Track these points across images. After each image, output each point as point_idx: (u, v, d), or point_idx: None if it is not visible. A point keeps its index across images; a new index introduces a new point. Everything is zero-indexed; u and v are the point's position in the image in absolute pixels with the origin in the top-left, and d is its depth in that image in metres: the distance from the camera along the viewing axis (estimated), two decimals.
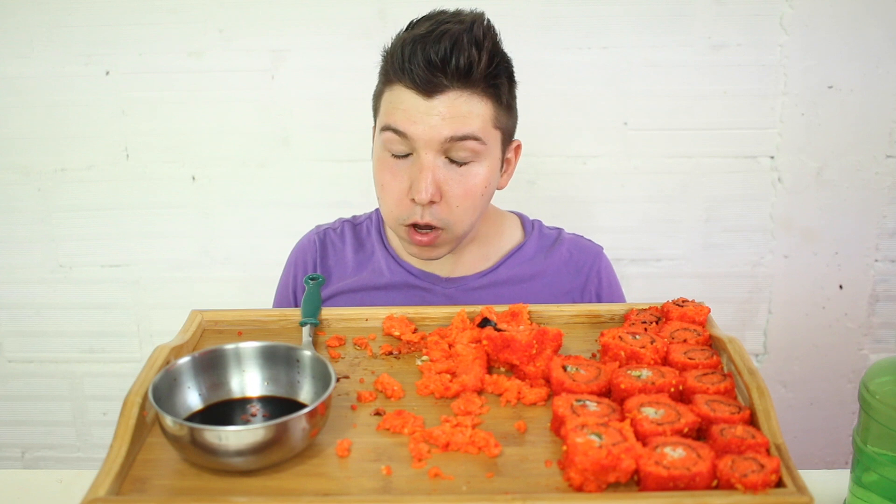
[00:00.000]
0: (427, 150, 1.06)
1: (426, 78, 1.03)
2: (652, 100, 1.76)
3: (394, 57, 1.07)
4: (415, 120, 1.05)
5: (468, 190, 1.09)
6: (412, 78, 1.04)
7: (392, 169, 1.10)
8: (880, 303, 1.89)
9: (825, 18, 1.70)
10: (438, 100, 1.05)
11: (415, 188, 1.06)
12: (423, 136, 1.05)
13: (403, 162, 1.09)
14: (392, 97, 1.08)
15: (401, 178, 1.09)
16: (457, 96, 1.05)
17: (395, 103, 1.07)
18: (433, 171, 1.06)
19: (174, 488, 0.72)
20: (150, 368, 0.82)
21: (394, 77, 1.07)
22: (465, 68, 1.03)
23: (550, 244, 1.27)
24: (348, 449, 0.76)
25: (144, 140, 1.81)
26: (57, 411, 2.03)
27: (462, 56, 1.03)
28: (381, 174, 1.12)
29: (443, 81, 1.04)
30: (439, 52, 1.02)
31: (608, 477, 0.69)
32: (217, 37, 1.74)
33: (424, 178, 1.06)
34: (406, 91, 1.06)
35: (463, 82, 1.05)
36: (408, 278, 1.23)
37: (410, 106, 1.06)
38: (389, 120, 1.08)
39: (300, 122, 1.79)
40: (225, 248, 1.88)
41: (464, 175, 1.09)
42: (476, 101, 1.06)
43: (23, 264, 1.90)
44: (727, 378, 0.82)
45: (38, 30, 1.74)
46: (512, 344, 0.88)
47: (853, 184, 1.81)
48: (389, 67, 1.08)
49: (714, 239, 1.86)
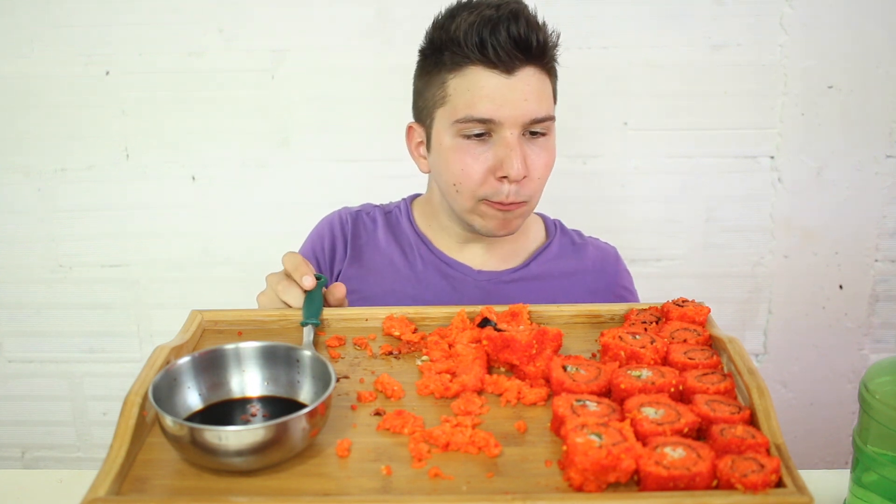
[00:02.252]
0: (512, 129, 1.09)
1: (510, 55, 1.06)
2: (652, 100, 1.76)
3: (468, 38, 1.07)
4: (500, 103, 1.07)
5: (547, 163, 1.13)
6: (496, 55, 1.06)
7: (471, 152, 1.11)
8: (880, 303, 1.89)
9: (825, 18, 1.70)
10: (518, 77, 1.07)
11: (507, 166, 1.08)
12: (510, 116, 1.08)
13: (482, 144, 1.11)
14: (466, 82, 1.09)
15: (483, 160, 1.11)
16: (532, 73, 1.09)
17: (472, 89, 1.08)
18: (521, 147, 1.09)
19: (174, 488, 0.72)
20: (150, 368, 0.82)
21: (467, 60, 1.08)
22: (542, 44, 1.08)
23: (574, 244, 1.31)
24: (348, 449, 0.76)
25: (144, 140, 1.81)
26: (57, 411, 2.03)
27: (539, 33, 1.08)
28: (460, 160, 1.12)
29: (522, 58, 1.07)
30: (521, 30, 1.06)
31: (608, 477, 0.69)
32: (217, 37, 1.74)
33: (517, 157, 1.08)
34: (483, 72, 1.08)
35: (538, 59, 1.09)
36: (442, 267, 1.25)
37: (492, 88, 1.07)
38: (469, 110, 1.09)
39: (300, 122, 1.79)
40: (225, 248, 1.88)
41: (542, 149, 1.13)
42: (545, 78, 1.11)
43: (23, 264, 1.90)
44: (727, 378, 0.82)
45: (38, 30, 1.74)
46: (512, 344, 0.88)
47: (853, 184, 1.81)
48: (462, 50, 1.08)
49: (714, 239, 1.86)
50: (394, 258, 1.28)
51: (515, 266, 1.27)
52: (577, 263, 1.29)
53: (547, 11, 1.68)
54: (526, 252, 1.29)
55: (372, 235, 1.30)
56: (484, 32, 1.06)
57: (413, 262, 1.27)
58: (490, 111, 1.08)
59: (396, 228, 1.30)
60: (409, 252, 1.27)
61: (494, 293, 1.24)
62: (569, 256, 1.29)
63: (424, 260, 1.26)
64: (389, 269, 1.27)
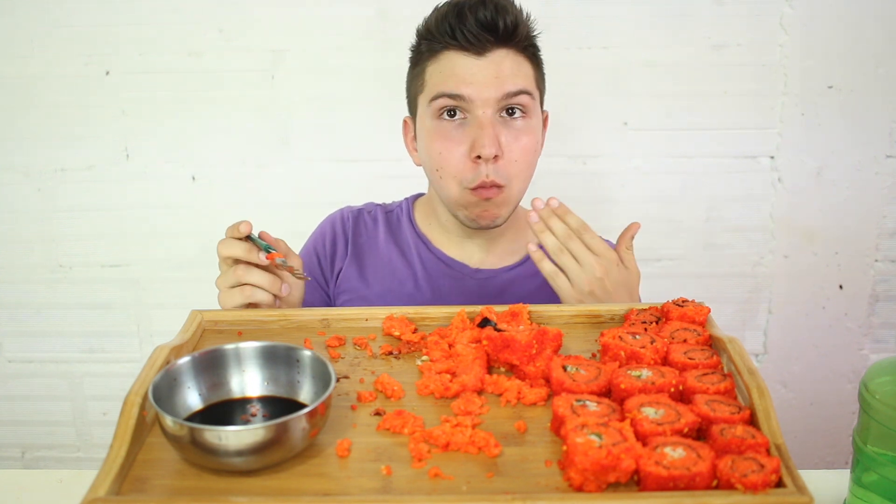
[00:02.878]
0: (485, 108, 1.11)
1: (477, 37, 1.09)
2: (652, 100, 1.76)
3: (440, 26, 1.12)
4: (469, 81, 1.10)
5: (525, 145, 1.14)
6: (464, 38, 1.10)
7: (448, 135, 1.13)
8: (880, 303, 1.89)
9: (825, 18, 1.70)
10: (489, 58, 1.11)
11: (478, 144, 1.10)
12: (480, 94, 1.10)
13: (459, 128, 1.13)
14: (440, 66, 1.13)
15: (459, 142, 1.13)
16: (504, 55, 1.12)
17: (445, 71, 1.12)
18: (493, 126, 1.11)
19: (174, 488, 0.72)
20: (150, 368, 0.82)
21: (440, 47, 1.13)
22: (511, 27, 1.11)
23: None
24: (348, 449, 0.76)
25: (144, 140, 1.81)
26: (57, 411, 2.03)
27: (508, 16, 1.10)
28: (437, 143, 1.14)
29: (492, 40, 1.10)
30: (488, 14, 1.09)
31: (608, 477, 0.69)
32: (217, 37, 1.74)
33: (487, 134, 1.10)
34: (456, 55, 1.11)
35: (509, 41, 1.12)
36: (439, 266, 1.26)
37: (463, 68, 1.11)
38: (441, 87, 1.12)
39: (300, 122, 1.79)
40: None
41: (519, 130, 1.14)
42: (521, 60, 1.14)
43: (23, 264, 1.90)
44: (727, 378, 0.82)
45: (38, 30, 1.74)
46: (512, 344, 0.88)
47: (853, 184, 1.81)
48: (435, 37, 1.13)
49: (714, 239, 1.86)
50: (392, 258, 1.28)
51: (513, 263, 1.28)
52: None
53: (547, 11, 1.69)
54: (524, 249, 1.29)
55: (372, 235, 1.31)
56: (451, 18, 1.11)
57: (411, 261, 1.27)
58: (460, 87, 1.10)
59: (396, 228, 1.31)
60: (408, 251, 1.28)
61: (492, 291, 1.24)
62: None
63: (423, 259, 1.27)
64: (387, 268, 1.27)
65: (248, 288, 1.03)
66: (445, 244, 1.28)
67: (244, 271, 1.02)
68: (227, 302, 1.05)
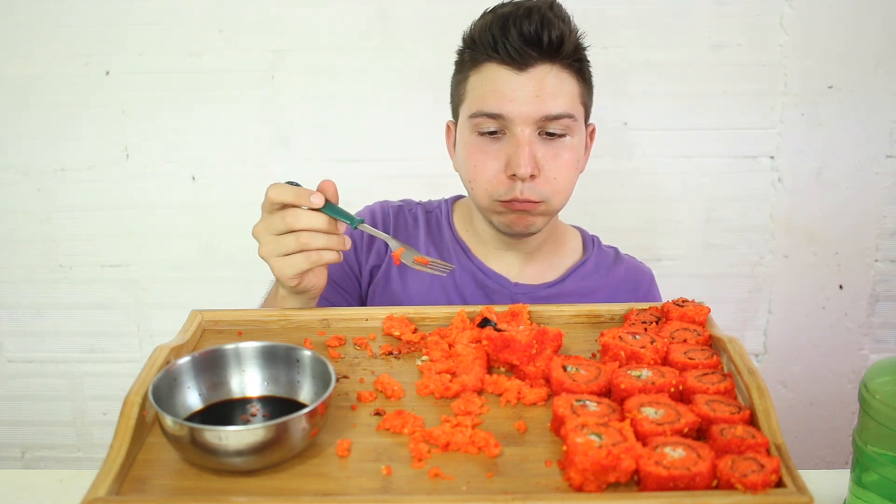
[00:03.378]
0: (523, 127, 1.07)
1: (519, 51, 1.05)
2: (652, 100, 1.76)
3: (483, 37, 1.08)
4: (509, 98, 1.07)
5: (563, 164, 1.11)
6: (506, 52, 1.06)
7: (484, 149, 1.11)
8: (880, 303, 1.89)
9: (825, 18, 1.70)
10: (530, 73, 1.07)
11: (514, 164, 1.07)
12: (519, 113, 1.07)
13: (495, 142, 1.10)
14: (481, 79, 1.10)
15: (495, 157, 1.10)
16: (547, 70, 1.07)
17: (485, 84, 1.09)
18: (530, 145, 1.08)
19: (174, 488, 0.72)
20: (150, 368, 0.82)
21: (482, 57, 1.09)
22: (556, 42, 1.06)
23: (610, 262, 1.30)
24: (348, 449, 0.76)
25: (144, 140, 1.81)
26: (57, 411, 2.03)
27: (553, 30, 1.06)
28: (473, 156, 1.12)
29: (535, 55, 1.06)
30: (532, 26, 1.05)
31: (608, 477, 0.69)
32: (217, 37, 1.74)
33: (523, 154, 1.07)
34: (497, 68, 1.08)
35: (553, 57, 1.07)
36: (478, 275, 1.23)
37: (503, 83, 1.07)
38: (481, 105, 1.09)
39: (300, 122, 1.79)
40: (225, 248, 1.88)
41: (558, 149, 1.10)
42: (565, 77, 1.09)
43: (23, 264, 1.90)
44: (727, 378, 0.82)
45: (38, 30, 1.74)
46: (512, 344, 0.88)
47: (853, 184, 1.81)
48: (479, 48, 1.10)
49: (714, 239, 1.86)
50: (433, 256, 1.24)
51: (551, 280, 1.25)
52: (609, 281, 1.27)
53: None
54: (563, 267, 1.27)
55: (413, 234, 1.27)
56: (496, 30, 1.07)
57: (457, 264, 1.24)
58: (500, 106, 1.07)
59: (437, 230, 1.27)
60: (448, 257, 1.25)
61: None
62: (603, 274, 1.27)
63: (462, 266, 1.23)
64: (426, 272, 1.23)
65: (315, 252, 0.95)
66: (483, 253, 1.24)
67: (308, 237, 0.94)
68: (287, 269, 0.96)
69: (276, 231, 0.96)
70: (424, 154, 1.72)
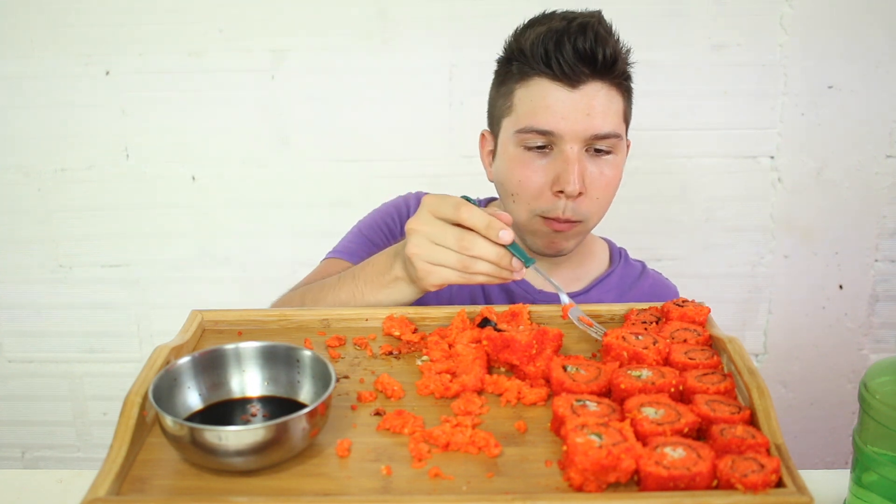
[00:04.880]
0: (572, 144, 1.07)
1: (573, 68, 1.04)
2: (652, 100, 1.76)
3: (534, 50, 1.07)
4: (561, 115, 1.06)
5: (609, 181, 1.11)
6: (560, 67, 1.04)
7: (531, 164, 1.10)
8: (880, 303, 1.89)
9: (825, 18, 1.70)
10: (582, 91, 1.06)
11: (563, 180, 1.06)
12: (570, 130, 1.06)
13: (542, 157, 1.09)
14: (530, 93, 1.08)
15: (541, 173, 1.09)
16: (598, 88, 1.07)
17: (535, 100, 1.08)
18: (580, 163, 1.07)
19: (174, 488, 0.72)
20: (150, 368, 0.82)
21: (532, 72, 1.07)
22: (610, 60, 1.06)
23: (636, 276, 1.29)
24: (348, 449, 0.76)
25: (144, 140, 1.81)
26: (57, 411, 2.03)
27: (608, 48, 1.05)
28: (518, 171, 1.10)
29: (587, 72, 1.05)
30: (587, 43, 1.04)
31: (608, 477, 0.69)
32: (217, 37, 1.74)
33: (573, 171, 1.06)
34: (548, 84, 1.06)
35: (605, 75, 1.07)
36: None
37: (554, 100, 1.06)
38: (531, 121, 1.08)
39: (300, 122, 1.79)
40: (225, 248, 1.88)
41: (604, 167, 1.10)
42: (614, 95, 1.09)
43: (23, 264, 1.90)
44: (727, 378, 0.82)
45: (38, 30, 1.74)
46: (512, 344, 0.88)
47: (853, 184, 1.81)
48: (529, 61, 1.08)
49: (714, 239, 1.86)
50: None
51: (576, 291, 1.24)
52: (633, 295, 1.26)
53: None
54: (588, 278, 1.26)
55: None
56: (549, 45, 1.05)
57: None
58: (551, 123, 1.06)
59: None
60: None
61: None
62: (628, 287, 1.27)
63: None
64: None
65: (472, 275, 0.92)
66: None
67: (473, 262, 0.90)
68: (435, 278, 0.93)
69: (440, 243, 0.92)
70: (424, 154, 1.72)
